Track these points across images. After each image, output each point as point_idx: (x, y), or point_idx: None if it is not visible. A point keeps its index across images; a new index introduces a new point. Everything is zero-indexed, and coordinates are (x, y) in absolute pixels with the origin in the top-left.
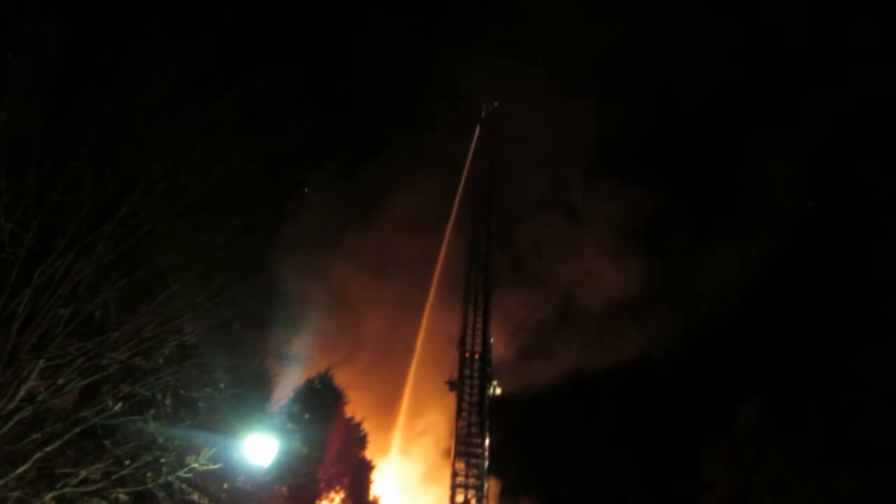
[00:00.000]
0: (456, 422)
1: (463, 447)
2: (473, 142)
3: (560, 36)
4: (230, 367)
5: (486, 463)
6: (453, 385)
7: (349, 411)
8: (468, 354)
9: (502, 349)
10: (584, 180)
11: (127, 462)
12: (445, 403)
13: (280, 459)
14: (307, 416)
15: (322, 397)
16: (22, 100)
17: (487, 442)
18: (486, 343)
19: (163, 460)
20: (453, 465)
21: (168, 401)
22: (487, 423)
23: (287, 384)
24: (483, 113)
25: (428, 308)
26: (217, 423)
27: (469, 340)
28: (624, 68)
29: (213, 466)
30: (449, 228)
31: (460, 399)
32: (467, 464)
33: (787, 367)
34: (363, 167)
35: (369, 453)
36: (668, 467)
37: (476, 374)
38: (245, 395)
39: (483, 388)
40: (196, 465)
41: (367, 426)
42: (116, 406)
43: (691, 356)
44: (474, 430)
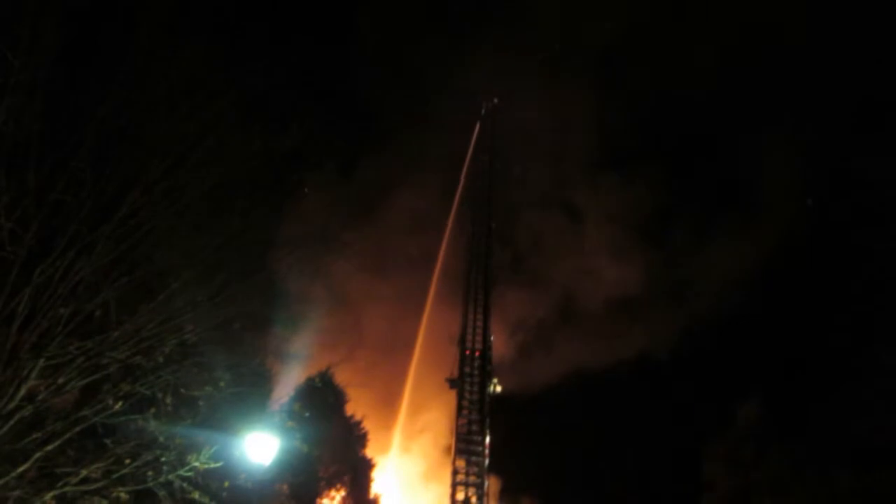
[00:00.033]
0: (456, 419)
1: (463, 445)
2: (473, 139)
3: (561, 33)
4: (230, 366)
5: (487, 461)
6: (454, 383)
7: (350, 409)
8: (468, 352)
9: (502, 347)
10: (585, 177)
11: (127, 461)
12: (446, 401)
13: (281, 458)
14: (308, 415)
15: (322, 396)
16: (22, 99)
17: (488, 440)
18: (487, 341)
19: (163, 459)
20: (454, 463)
21: (168, 399)
22: (488, 421)
23: (287, 382)
24: (483, 110)
25: (428, 306)
26: (218, 422)
27: (469, 338)
28: (625, 66)
29: (214, 465)
30: (449, 226)
31: (461, 397)
32: (468, 461)
33: (788, 366)
34: (363, 165)
35: (370, 451)
36: (668, 466)
37: (476, 372)
38: (245, 394)
39: (483, 386)
40: (197, 464)
41: (368, 424)
42: (117, 405)
43: (691, 354)
44: (475, 428)
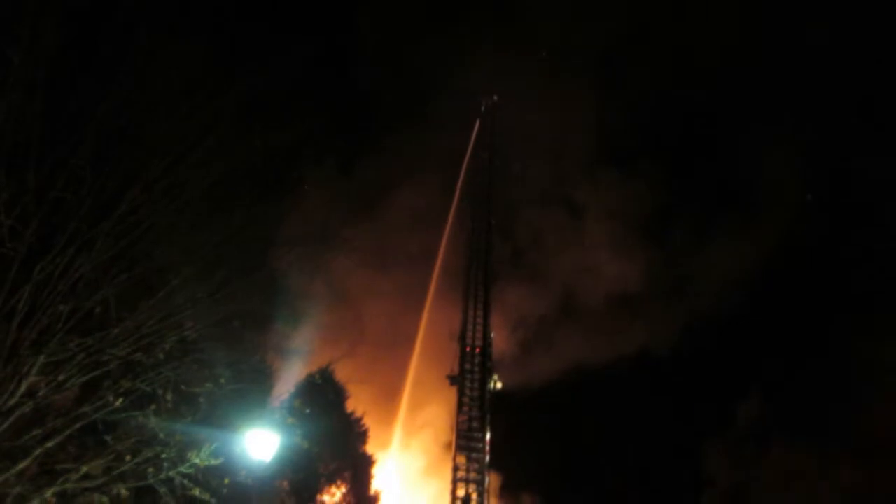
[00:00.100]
0: (457, 416)
1: (464, 441)
2: (473, 136)
3: (561, 31)
4: (231, 363)
5: (487, 457)
6: (454, 379)
7: (350, 406)
8: (469, 349)
9: (503, 343)
10: (585, 175)
11: (128, 458)
12: (446, 397)
13: (281, 454)
14: (308, 411)
15: (323, 392)
16: (21, 98)
17: (488, 436)
18: (487, 337)
19: (164, 456)
20: (454, 460)
21: (169, 396)
22: (488, 418)
23: (288, 379)
24: (483, 107)
25: (428, 302)
26: (218, 419)
27: (470, 335)
28: (624, 66)
29: (214, 462)
30: (449, 223)
31: (461, 393)
32: (468, 458)
33: (788, 363)
34: (363, 162)
35: (370, 447)
36: (669, 462)
37: (477, 369)
38: (246, 391)
39: (484, 383)
40: (197, 461)
41: (368, 420)
42: (117, 402)
43: (692, 351)
44: (475, 425)
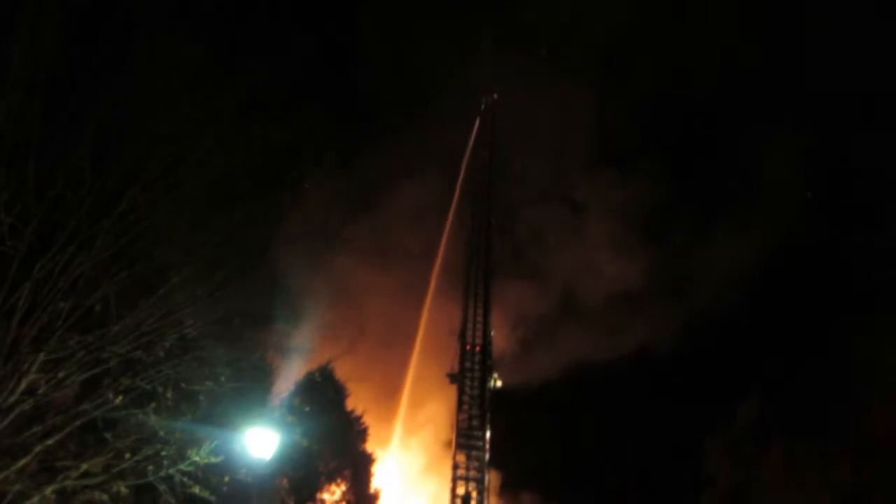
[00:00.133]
0: (457, 414)
1: (464, 440)
2: (473, 134)
3: (561, 30)
4: (231, 361)
5: (487, 455)
6: (454, 378)
7: (350, 404)
8: (469, 347)
9: (503, 342)
10: (585, 173)
11: (128, 455)
12: (446, 395)
13: (281, 452)
14: (308, 409)
15: (322, 390)
16: (22, 97)
17: (488, 434)
18: (487, 335)
19: (164, 453)
20: (454, 458)
21: (169, 394)
22: (488, 416)
23: (288, 377)
24: (483, 105)
25: (428, 300)
26: (218, 417)
27: (470, 333)
28: (625, 66)
29: (214, 459)
30: (449, 221)
31: (461, 392)
32: (468, 456)
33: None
34: (363, 161)
35: (370, 445)
36: (669, 461)
37: (477, 367)
38: (246, 389)
39: (484, 381)
40: (197, 459)
41: (368, 418)
42: (117, 399)
43: (692, 350)
44: (475, 423)
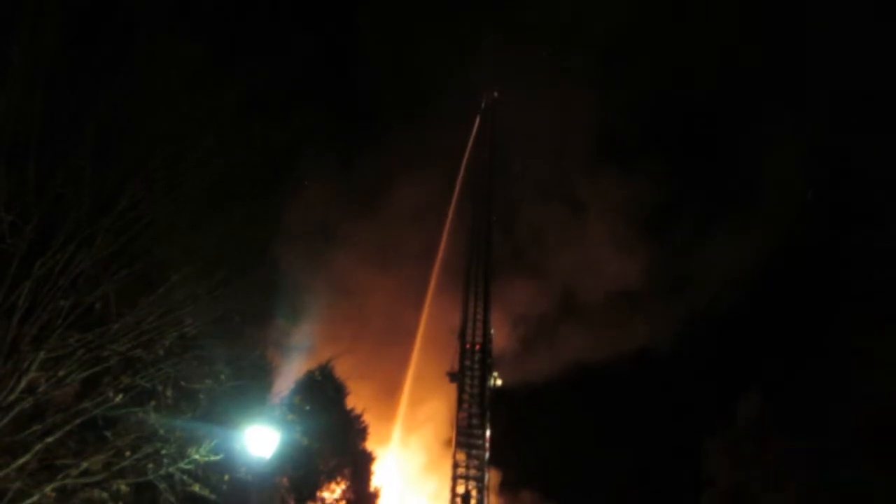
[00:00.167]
0: (457, 413)
1: (464, 438)
2: (473, 132)
3: (561, 30)
4: (231, 359)
5: (487, 454)
6: (454, 376)
7: (350, 402)
8: (469, 345)
9: (503, 340)
10: (585, 173)
11: (128, 453)
12: (446, 393)
13: (281, 451)
14: (308, 408)
15: (323, 389)
16: (22, 94)
17: (488, 433)
18: (487, 334)
19: (164, 452)
20: (454, 457)
21: (169, 392)
22: (488, 415)
23: (288, 375)
24: (483, 103)
25: (429, 298)
26: (218, 415)
27: (470, 331)
28: (625, 63)
29: (214, 458)
30: (449, 219)
31: (461, 390)
32: (468, 455)
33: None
34: (363, 159)
35: (370, 443)
36: (669, 460)
37: (477, 366)
38: (246, 387)
39: (484, 380)
40: (197, 457)
41: (368, 416)
42: (117, 397)
43: (692, 349)
44: (475, 422)
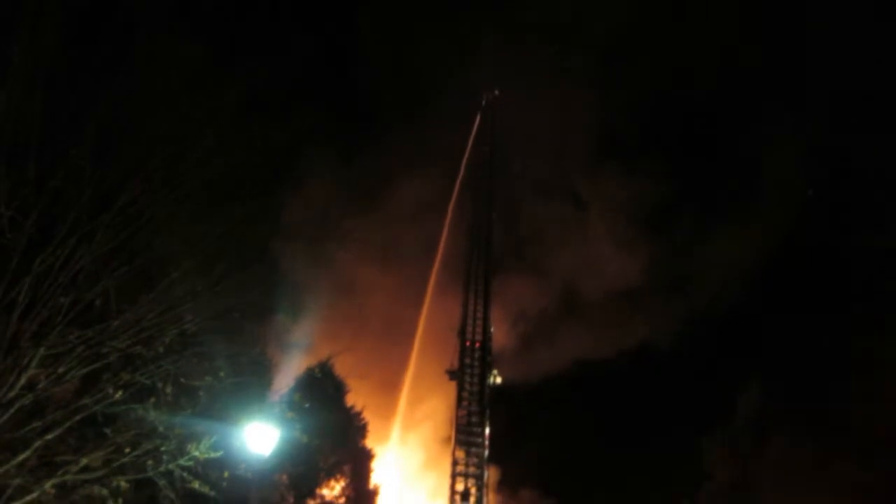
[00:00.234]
0: (456, 410)
1: (463, 436)
2: (474, 130)
3: (562, 30)
4: (230, 356)
5: (486, 452)
6: (453, 374)
7: (350, 400)
8: (469, 343)
9: (503, 338)
10: (585, 172)
11: (127, 450)
12: (446, 391)
13: (280, 448)
14: (307, 405)
15: (322, 386)
16: (22, 90)
17: (487, 431)
18: (487, 332)
19: (163, 448)
20: (453, 454)
21: (168, 389)
22: (488, 412)
23: (288, 372)
24: (483, 101)
25: (429, 296)
26: (217, 412)
27: (469, 329)
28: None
29: (214, 455)
30: (448, 217)
31: (460, 388)
32: (467, 452)
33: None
34: (364, 159)
35: (370, 441)
36: (669, 455)
37: (476, 364)
38: (245, 384)
39: (483, 378)
40: (196, 454)
41: (368, 414)
42: (117, 394)
43: (692, 346)
44: (474, 420)
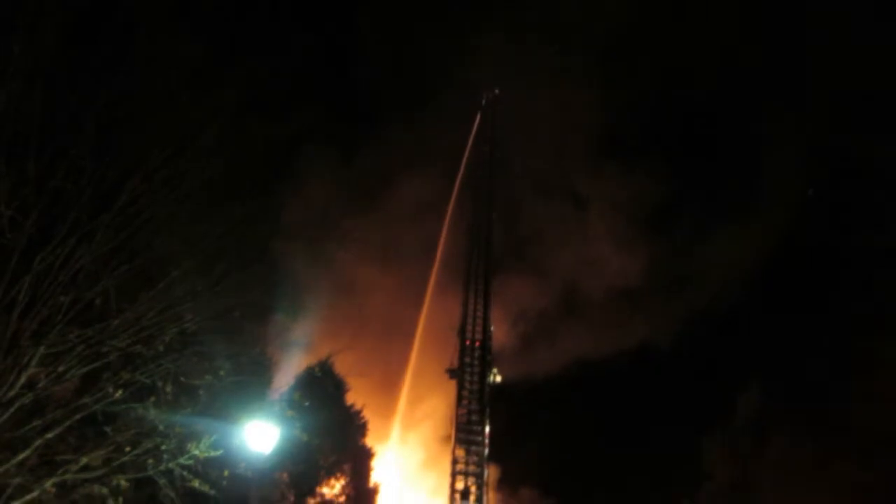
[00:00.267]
0: (456, 409)
1: (463, 435)
2: (474, 129)
3: (562, 30)
4: (231, 355)
5: (486, 450)
6: (453, 373)
7: (350, 399)
8: (468, 342)
9: (503, 337)
10: (586, 171)
11: (128, 449)
12: (446, 390)
13: (280, 447)
14: (307, 404)
15: (322, 385)
16: (22, 90)
17: (487, 429)
18: (487, 331)
19: (163, 447)
20: (453, 453)
21: (168, 388)
22: (487, 411)
23: (288, 371)
24: (483, 100)
25: (429, 295)
26: (218, 411)
27: (469, 328)
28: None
29: (214, 453)
30: (448, 216)
31: (461, 387)
32: (467, 451)
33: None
34: (364, 159)
35: (370, 440)
36: (669, 455)
37: (476, 362)
38: (245, 383)
39: (483, 376)
40: (197, 452)
41: (368, 412)
42: (117, 393)
43: (692, 346)
44: (474, 418)
